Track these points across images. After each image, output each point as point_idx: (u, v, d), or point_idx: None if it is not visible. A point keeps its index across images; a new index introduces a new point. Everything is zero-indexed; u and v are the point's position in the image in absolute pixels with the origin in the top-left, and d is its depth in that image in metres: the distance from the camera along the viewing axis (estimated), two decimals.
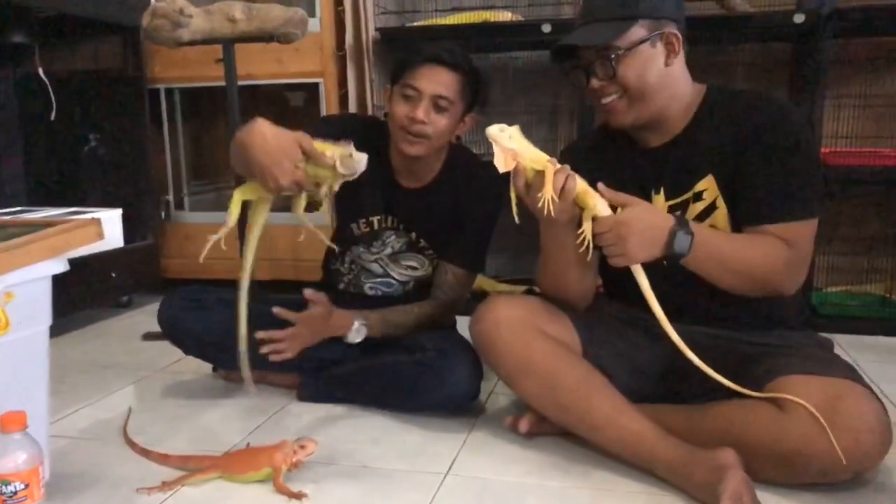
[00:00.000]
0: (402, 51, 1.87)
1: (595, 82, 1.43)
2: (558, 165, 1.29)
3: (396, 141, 1.68)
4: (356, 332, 1.68)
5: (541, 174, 1.29)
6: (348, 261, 1.86)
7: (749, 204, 1.38)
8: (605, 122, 1.53)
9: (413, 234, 1.80)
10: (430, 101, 1.62)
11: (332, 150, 1.35)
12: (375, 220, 1.80)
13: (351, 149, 1.34)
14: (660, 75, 1.40)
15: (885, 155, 2.30)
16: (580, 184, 1.30)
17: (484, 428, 1.60)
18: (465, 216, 1.75)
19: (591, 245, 1.32)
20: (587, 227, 1.32)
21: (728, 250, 1.35)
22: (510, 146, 1.27)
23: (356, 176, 1.36)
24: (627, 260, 1.31)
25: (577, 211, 1.33)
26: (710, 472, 1.21)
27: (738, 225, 1.41)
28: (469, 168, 1.78)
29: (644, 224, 1.31)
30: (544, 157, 1.30)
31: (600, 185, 1.33)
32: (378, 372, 1.68)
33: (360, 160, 1.33)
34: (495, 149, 1.27)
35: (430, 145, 1.66)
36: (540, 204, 1.28)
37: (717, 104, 1.44)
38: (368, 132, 1.74)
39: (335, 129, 1.70)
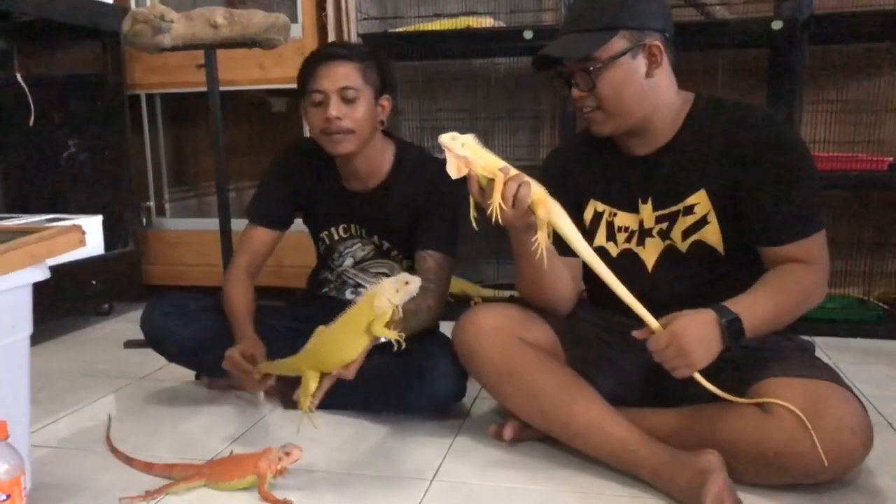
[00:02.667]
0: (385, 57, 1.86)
1: (576, 92, 1.43)
2: (513, 172, 1.27)
3: (325, 147, 1.68)
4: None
5: (493, 181, 1.27)
6: (339, 269, 1.86)
7: (762, 226, 1.37)
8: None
9: (375, 238, 1.80)
10: (337, 97, 1.63)
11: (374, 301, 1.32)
12: (334, 229, 1.81)
13: (404, 276, 1.32)
14: (640, 87, 1.40)
15: (861, 159, 2.33)
16: (536, 192, 1.27)
17: (469, 433, 1.60)
18: (427, 206, 1.72)
19: (544, 254, 1.29)
20: (541, 235, 1.29)
21: (773, 308, 1.32)
22: (462, 153, 1.26)
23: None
24: (694, 369, 1.26)
25: (534, 218, 1.30)
26: (692, 475, 1.22)
27: (730, 239, 1.41)
28: (419, 162, 1.77)
29: (697, 332, 1.25)
30: (498, 164, 1.28)
31: (656, 328, 1.28)
32: (362, 374, 1.67)
33: (417, 284, 1.31)
34: (447, 156, 1.27)
35: (356, 138, 1.66)
36: (489, 211, 1.27)
37: (707, 114, 1.44)
38: (306, 154, 1.77)
39: (282, 176, 1.78)
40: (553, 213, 1.29)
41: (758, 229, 1.38)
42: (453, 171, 1.27)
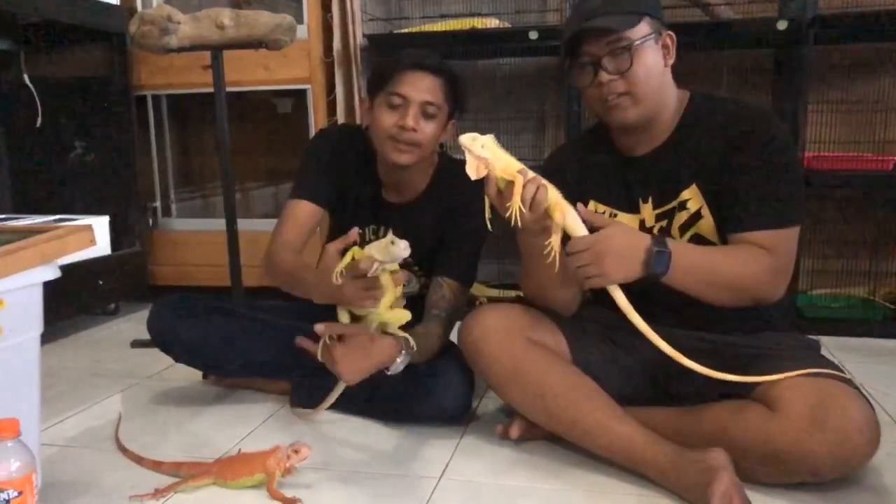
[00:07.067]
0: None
1: (605, 76, 1.40)
2: (530, 175, 1.27)
3: (384, 151, 1.65)
4: (401, 364, 1.51)
5: (512, 183, 1.27)
6: None
7: (732, 212, 1.39)
8: (597, 126, 1.54)
9: None
10: (418, 108, 1.59)
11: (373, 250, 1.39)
12: (362, 232, 1.78)
13: (391, 237, 1.37)
14: (661, 75, 1.42)
15: (866, 159, 2.33)
16: (552, 195, 1.28)
17: (476, 432, 1.60)
18: (454, 229, 1.72)
19: (557, 258, 1.30)
20: (555, 239, 1.30)
21: (708, 264, 1.35)
22: (482, 155, 1.26)
23: (396, 262, 1.40)
24: (605, 280, 1.30)
25: (549, 222, 1.31)
26: (700, 474, 1.22)
27: (724, 231, 1.42)
28: (455, 181, 1.73)
29: (621, 243, 1.30)
30: (517, 166, 1.28)
31: (580, 207, 1.32)
32: (368, 386, 1.67)
33: (401, 247, 1.35)
34: (467, 157, 1.27)
35: (420, 153, 1.63)
36: (508, 214, 1.27)
37: (702, 112, 1.46)
38: (351, 146, 1.73)
39: (327, 157, 1.73)
40: (568, 217, 1.30)
41: (727, 216, 1.40)
42: (472, 172, 1.27)
